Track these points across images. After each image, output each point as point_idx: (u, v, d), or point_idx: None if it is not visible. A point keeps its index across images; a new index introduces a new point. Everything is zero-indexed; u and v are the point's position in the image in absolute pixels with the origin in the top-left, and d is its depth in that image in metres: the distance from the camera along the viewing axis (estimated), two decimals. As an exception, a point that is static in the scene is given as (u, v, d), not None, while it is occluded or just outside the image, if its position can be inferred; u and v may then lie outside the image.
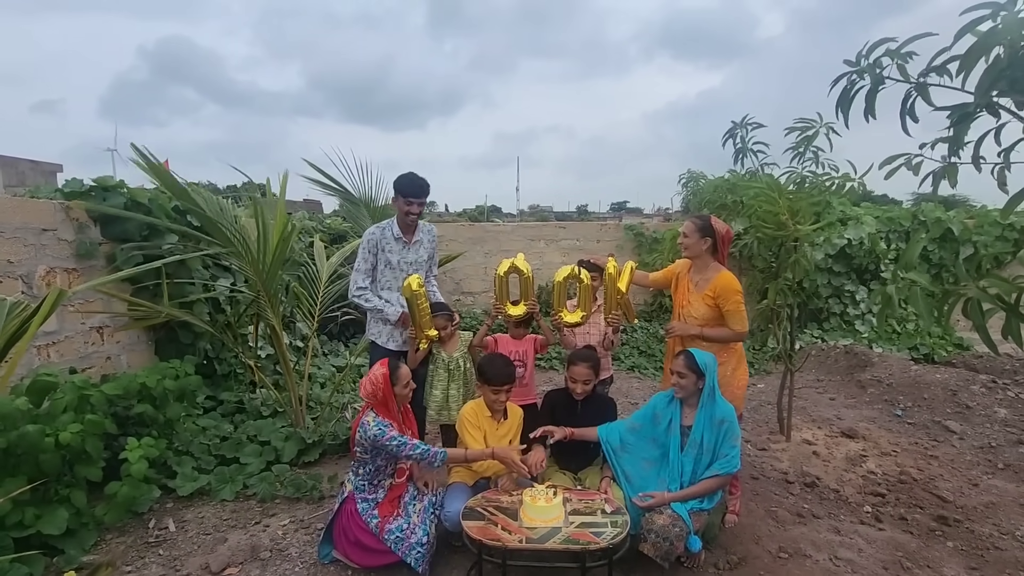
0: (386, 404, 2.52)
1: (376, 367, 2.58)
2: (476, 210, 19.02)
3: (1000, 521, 2.98)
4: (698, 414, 2.53)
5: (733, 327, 2.75)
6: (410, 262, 3.19)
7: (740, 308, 2.74)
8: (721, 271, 2.80)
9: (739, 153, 4.02)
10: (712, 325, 2.80)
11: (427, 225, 3.30)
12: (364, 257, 3.15)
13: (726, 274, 2.78)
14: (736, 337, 2.80)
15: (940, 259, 7.43)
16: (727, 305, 2.73)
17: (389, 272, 3.17)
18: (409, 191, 3.06)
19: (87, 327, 3.49)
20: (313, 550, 2.65)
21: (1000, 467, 3.66)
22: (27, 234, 3.14)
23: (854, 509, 3.11)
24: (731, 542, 2.69)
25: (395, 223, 3.17)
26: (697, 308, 2.82)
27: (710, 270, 2.83)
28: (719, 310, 2.76)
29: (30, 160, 9.53)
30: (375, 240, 3.14)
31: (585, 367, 2.73)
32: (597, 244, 8.21)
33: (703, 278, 2.84)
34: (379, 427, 2.42)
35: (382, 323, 3.19)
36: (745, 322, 2.77)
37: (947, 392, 4.77)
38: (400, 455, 2.45)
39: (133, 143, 3.13)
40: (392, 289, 3.18)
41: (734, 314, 2.74)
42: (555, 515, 2.27)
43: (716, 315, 2.78)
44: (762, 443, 3.88)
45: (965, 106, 1.51)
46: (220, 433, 3.65)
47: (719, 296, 2.74)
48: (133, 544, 2.73)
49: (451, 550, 2.61)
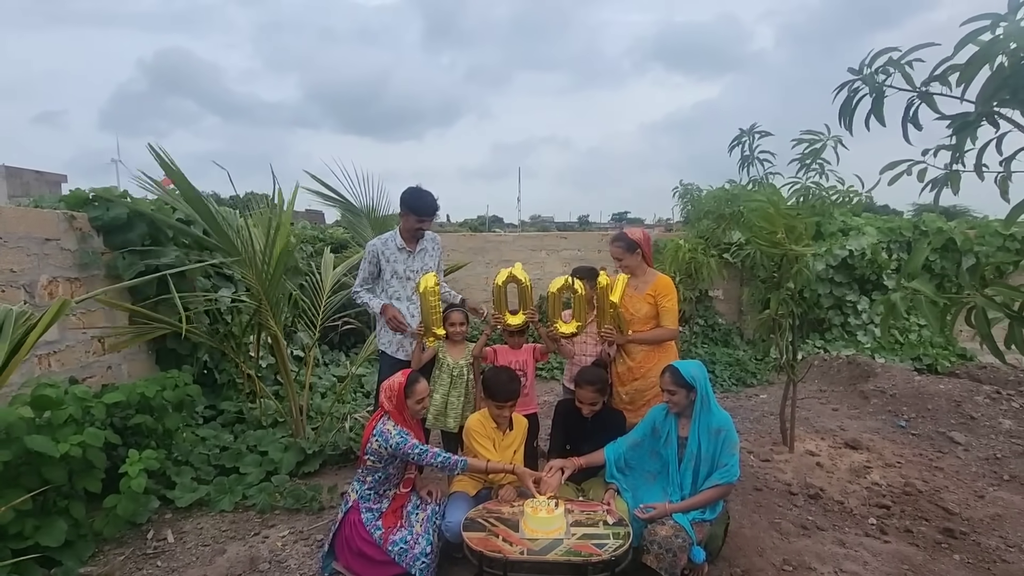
0: (400, 412, 2.52)
1: (397, 375, 2.59)
2: (477, 220, 19.07)
3: (1007, 533, 2.94)
4: (693, 425, 2.51)
5: (664, 322, 3.05)
6: (416, 270, 3.20)
7: (675, 306, 3.07)
8: (658, 275, 3.13)
9: (745, 161, 4.01)
10: (652, 325, 3.08)
11: (430, 233, 3.31)
12: (364, 267, 3.25)
13: (664, 276, 3.13)
14: (669, 335, 3.08)
15: (942, 269, 7.42)
16: (664, 302, 3.03)
17: (396, 282, 3.19)
18: (421, 210, 3.09)
19: (88, 337, 3.49)
20: (312, 562, 2.62)
21: (1006, 478, 3.63)
22: (30, 244, 3.15)
23: (859, 521, 3.08)
24: (735, 555, 2.66)
25: (398, 234, 3.19)
26: (639, 308, 3.08)
27: (647, 275, 3.14)
28: (657, 308, 3.05)
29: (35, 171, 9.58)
30: (376, 251, 3.19)
31: (591, 390, 2.72)
32: (598, 254, 8.21)
33: (642, 281, 3.12)
34: (401, 436, 2.43)
35: (392, 332, 3.18)
36: (676, 320, 3.09)
37: (951, 403, 4.74)
38: (422, 463, 2.47)
39: (153, 151, 3.16)
40: (401, 299, 3.18)
41: (669, 311, 3.04)
42: (557, 526, 2.25)
43: (654, 313, 3.07)
44: (765, 454, 3.85)
45: (966, 115, 1.52)
46: (219, 443, 3.64)
47: (659, 294, 3.04)
48: (131, 556, 2.70)
49: (452, 561, 2.59)
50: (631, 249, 3.08)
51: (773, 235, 3.50)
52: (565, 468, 2.64)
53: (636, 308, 3.09)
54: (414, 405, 2.56)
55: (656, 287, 3.06)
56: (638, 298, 3.09)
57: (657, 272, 3.16)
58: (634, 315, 3.09)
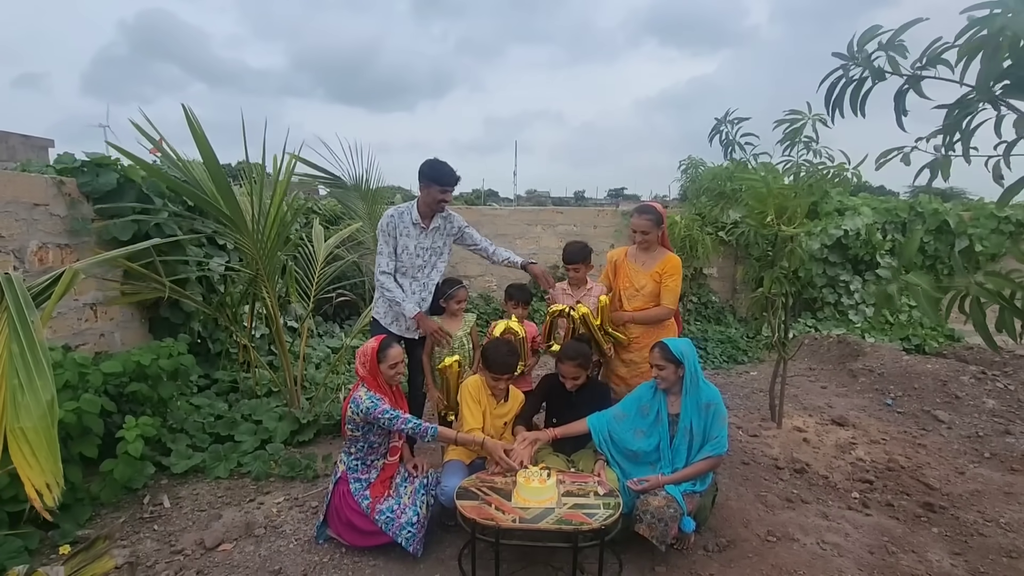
0: (374, 378, 2.53)
1: (371, 340, 2.60)
2: (473, 194, 18.91)
3: (984, 508, 3.03)
4: (684, 401, 2.54)
5: (665, 301, 3.00)
6: (426, 247, 3.10)
7: (677, 286, 3.01)
8: (668, 254, 3.05)
9: (727, 147, 4.08)
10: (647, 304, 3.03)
11: (448, 211, 3.17)
12: (385, 240, 3.05)
13: (674, 256, 3.04)
14: (666, 314, 3.04)
15: (935, 251, 7.46)
16: (668, 281, 2.98)
17: (405, 256, 3.08)
18: (445, 180, 2.98)
19: (81, 304, 3.47)
20: (307, 528, 2.67)
21: (986, 456, 3.72)
22: (18, 209, 3.10)
23: (842, 495, 3.16)
24: (720, 525, 2.73)
25: (415, 208, 3.06)
26: (644, 285, 3.02)
27: (658, 252, 3.07)
28: (660, 286, 3.01)
29: (21, 135, 9.34)
30: (393, 223, 3.04)
31: (573, 365, 2.72)
32: (594, 230, 8.19)
33: (650, 257, 3.06)
34: (371, 400, 2.43)
35: (388, 303, 3.12)
36: (676, 300, 3.03)
37: (937, 382, 4.82)
38: (392, 428, 2.46)
39: (142, 117, 3.10)
40: (406, 276, 3.09)
41: (671, 290, 2.99)
42: (548, 496, 2.29)
43: (658, 291, 3.02)
44: (754, 429, 3.92)
45: (966, 97, 1.49)
46: (214, 412, 3.66)
47: (665, 272, 2.98)
48: (128, 520, 2.74)
49: (444, 529, 2.65)
50: (658, 223, 3.00)
51: (763, 216, 3.51)
52: (539, 439, 2.67)
53: (640, 284, 3.04)
54: (388, 371, 2.55)
55: (664, 265, 3.00)
56: (644, 274, 3.04)
57: (668, 251, 3.09)
58: (638, 291, 3.05)
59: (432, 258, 3.13)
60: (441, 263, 3.20)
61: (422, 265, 3.10)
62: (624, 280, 3.09)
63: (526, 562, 2.44)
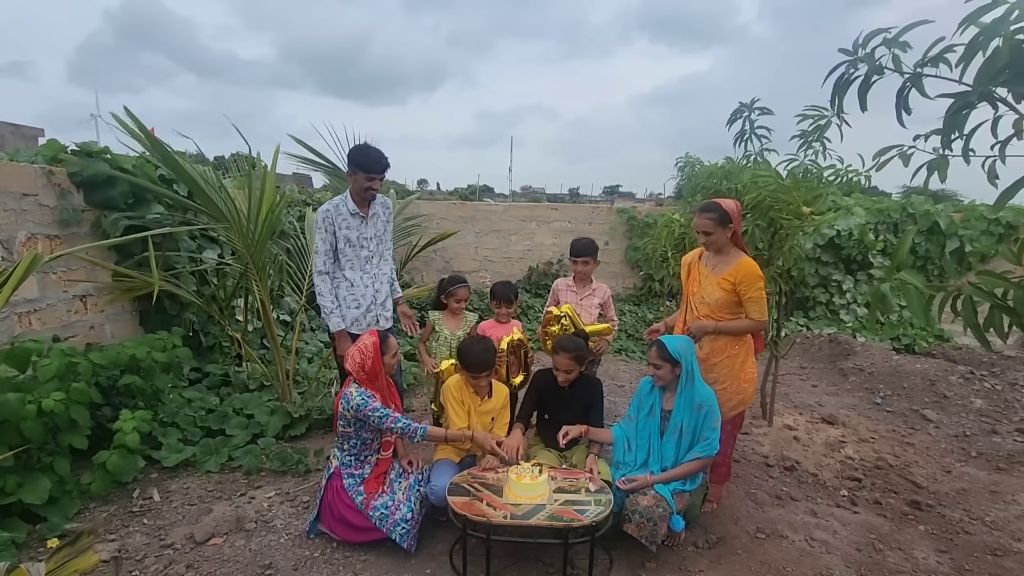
0: (374, 376, 2.51)
1: (365, 336, 2.58)
2: (468, 189, 18.83)
3: (970, 507, 3.07)
4: (677, 399, 2.55)
5: (752, 315, 2.60)
6: (369, 237, 3.03)
7: (762, 295, 2.59)
8: (742, 257, 2.64)
9: (742, 135, 3.91)
10: (725, 313, 2.65)
11: (381, 197, 3.10)
12: (322, 237, 2.93)
13: (748, 260, 2.62)
14: (755, 327, 2.66)
15: (926, 252, 7.52)
16: (749, 292, 2.57)
17: (350, 250, 2.99)
18: (370, 167, 2.88)
19: (70, 295, 3.43)
20: (299, 522, 2.66)
21: (973, 455, 3.76)
22: (6, 199, 3.06)
23: (831, 493, 3.18)
24: (710, 522, 2.75)
25: (349, 198, 2.98)
26: (711, 292, 2.65)
27: (730, 255, 2.66)
28: (736, 295, 2.60)
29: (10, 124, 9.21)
30: (330, 218, 2.94)
31: (567, 357, 2.72)
32: (589, 227, 8.19)
33: (720, 261, 2.67)
34: (362, 397, 2.43)
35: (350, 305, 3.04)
36: (765, 311, 2.61)
37: (926, 382, 4.87)
38: (382, 427, 2.45)
39: (126, 106, 3.05)
40: (355, 268, 3.02)
41: (756, 301, 2.58)
42: (540, 492, 2.30)
43: (731, 300, 2.62)
44: (744, 427, 3.94)
45: (966, 95, 1.50)
46: (206, 405, 3.64)
47: (740, 282, 2.57)
48: (117, 513, 2.73)
49: (436, 525, 2.65)
50: (724, 223, 2.57)
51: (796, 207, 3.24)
52: (570, 432, 2.63)
53: (708, 292, 2.66)
54: (390, 359, 2.61)
55: (737, 273, 2.57)
56: (713, 280, 2.64)
57: (742, 254, 2.65)
58: (704, 300, 2.68)
59: (379, 247, 3.08)
60: (388, 252, 3.16)
61: (369, 256, 3.03)
62: (694, 284, 2.77)
63: (517, 558, 2.45)
